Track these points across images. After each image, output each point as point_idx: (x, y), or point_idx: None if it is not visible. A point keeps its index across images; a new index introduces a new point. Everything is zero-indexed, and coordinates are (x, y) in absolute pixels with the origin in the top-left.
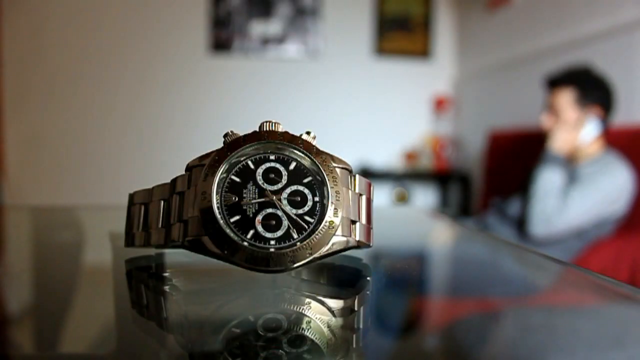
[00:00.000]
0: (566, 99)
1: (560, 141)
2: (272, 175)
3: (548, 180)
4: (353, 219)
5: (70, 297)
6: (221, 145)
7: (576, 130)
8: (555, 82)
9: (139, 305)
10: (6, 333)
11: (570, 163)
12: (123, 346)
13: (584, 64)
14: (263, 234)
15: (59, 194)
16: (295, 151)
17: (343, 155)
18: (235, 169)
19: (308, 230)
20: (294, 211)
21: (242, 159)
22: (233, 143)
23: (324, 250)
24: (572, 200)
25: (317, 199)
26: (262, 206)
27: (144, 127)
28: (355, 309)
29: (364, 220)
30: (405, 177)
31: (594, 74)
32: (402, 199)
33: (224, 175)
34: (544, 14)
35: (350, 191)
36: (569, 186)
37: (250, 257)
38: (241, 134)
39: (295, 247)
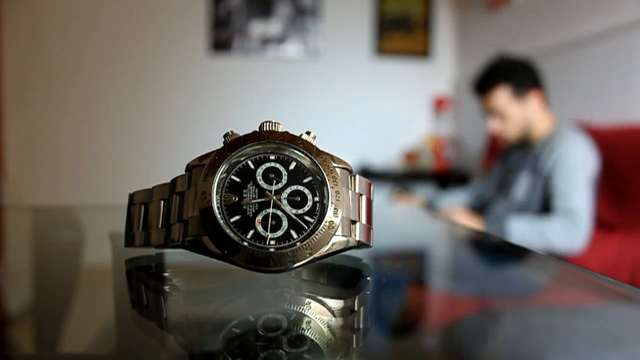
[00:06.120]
0: (503, 97)
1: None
2: (272, 175)
3: (523, 235)
4: (353, 219)
5: (70, 297)
6: (221, 145)
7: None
8: (485, 85)
9: (139, 305)
10: (6, 333)
11: (527, 145)
12: (123, 346)
13: (497, 54)
14: (263, 234)
15: (58, 194)
16: (295, 151)
17: (343, 155)
18: (235, 169)
19: (308, 230)
20: (294, 211)
21: (242, 159)
22: (233, 143)
23: (324, 250)
24: (578, 199)
25: (317, 199)
26: (262, 206)
27: (144, 127)
28: (355, 309)
29: (364, 220)
30: (405, 177)
31: (513, 59)
32: (400, 194)
33: (224, 175)
34: (544, 14)
35: (350, 191)
36: (552, 184)
37: (250, 257)
38: (241, 134)
39: (295, 247)
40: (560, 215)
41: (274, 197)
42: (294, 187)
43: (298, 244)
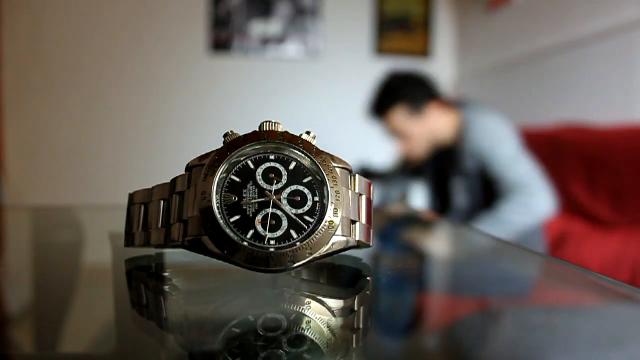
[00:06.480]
0: (400, 118)
1: None
2: (272, 175)
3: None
4: (353, 219)
5: (70, 297)
6: (221, 145)
7: None
8: (380, 109)
9: (139, 305)
10: (6, 333)
11: (444, 150)
12: (123, 346)
13: (386, 72)
14: (263, 234)
15: (59, 194)
16: (295, 151)
17: (343, 155)
18: (235, 169)
19: (308, 230)
20: (294, 211)
21: (242, 159)
22: (233, 143)
23: (324, 250)
24: (516, 172)
25: (317, 199)
26: (262, 206)
27: (144, 127)
28: (355, 309)
29: (364, 220)
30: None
31: (404, 75)
32: (402, 199)
33: (224, 175)
34: (544, 14)
35: (350, 191)
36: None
37: (250, 257)
38: (241, 134)
39: (295, 247)
40: (508, 194)
41: (274, 197)
42: (294, 187)
43: (298, 244)
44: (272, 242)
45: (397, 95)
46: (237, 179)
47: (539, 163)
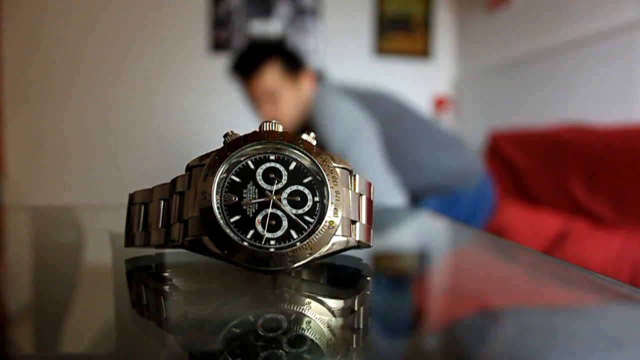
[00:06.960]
0: (275, 76)
1: None
2: (272, 175)
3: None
4: (353, 219)
5: (70, 297)
6: (221, 145)
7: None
8: (253, 65)
9: (139, 305)
10: (6, 333)
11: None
12: (123, 346)
13: (247, 37)
14: (263, 234)
15: (59, 194)
16: (295, 151)
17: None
18: (235, 169)
19: (308, 230)
20: (294, 211)
21: (242, 159)
22: (233, 143)
23: (324, 250)
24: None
25: (317, 199)
26: (262, 206)
27: (144, 127)
28: (355, 309)
29: (364, 220)
30: None
31: (271, 39)
32: None
33: (224, 175)
34: (544, 14)
35: (350, 191)
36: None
37: (250, 257)
38: (241, 134)
39: (295, 247)
40: None
41: (274, 197)
42: (294, 187)
43: (298, 244)
44: (272, 242)
45: (274, 51)
46: (237, 179)
47: (540, 162)
